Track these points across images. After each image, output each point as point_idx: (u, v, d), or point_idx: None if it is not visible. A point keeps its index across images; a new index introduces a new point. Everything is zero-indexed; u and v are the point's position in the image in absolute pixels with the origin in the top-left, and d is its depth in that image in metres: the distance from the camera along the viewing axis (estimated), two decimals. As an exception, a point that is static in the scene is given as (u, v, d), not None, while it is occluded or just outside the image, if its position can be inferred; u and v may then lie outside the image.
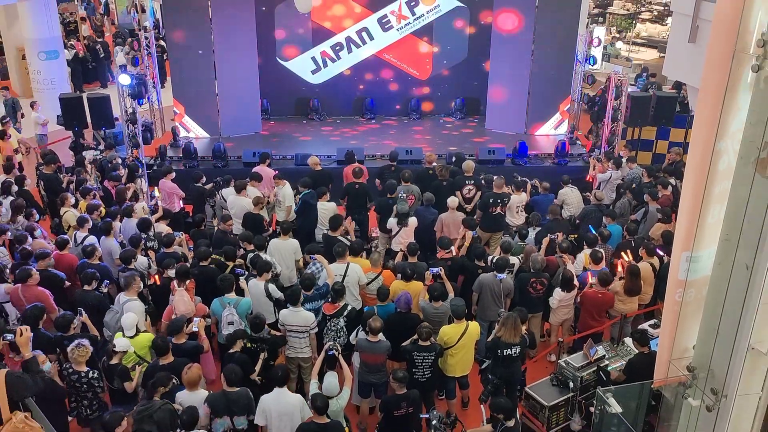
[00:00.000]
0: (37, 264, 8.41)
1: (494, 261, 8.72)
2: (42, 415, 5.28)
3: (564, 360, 7.75)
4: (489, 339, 7.70)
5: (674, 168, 12.31)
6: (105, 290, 8.34)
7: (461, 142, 15.39)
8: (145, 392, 6.61)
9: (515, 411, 6.53)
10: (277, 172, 11.49)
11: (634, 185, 11.61)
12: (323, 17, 16.45)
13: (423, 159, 12.51)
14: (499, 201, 10.59)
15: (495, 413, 6.40)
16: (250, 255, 8.91)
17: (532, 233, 10.03)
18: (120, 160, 12.40)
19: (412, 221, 10.11)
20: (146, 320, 7.71)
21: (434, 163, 11.88)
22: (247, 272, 8.44)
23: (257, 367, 7.19)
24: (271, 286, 8.19)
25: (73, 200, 10.40)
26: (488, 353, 7.67)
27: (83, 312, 7.57)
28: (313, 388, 6.75)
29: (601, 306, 8.56)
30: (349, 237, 9.73)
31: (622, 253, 9.21)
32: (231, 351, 7.13)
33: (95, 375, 6.82)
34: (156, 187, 12.14)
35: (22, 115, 16.20)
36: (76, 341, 6.79)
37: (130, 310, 7.59)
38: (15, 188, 10.88)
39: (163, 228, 9.93)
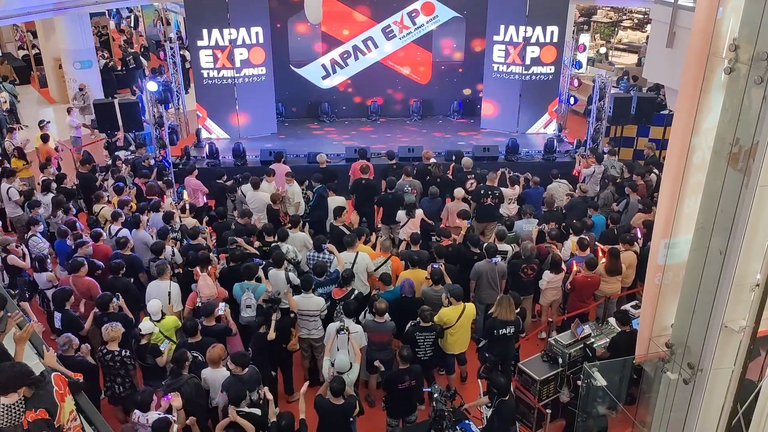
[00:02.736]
0: (78, 252, 8.49)
1: (485, 248, 8.72)
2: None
3: (553, 338, 7.74)
4: (486, 322, 7.70)
5: (652, 160, 12.34)
6: (131, 279, 8.41)
7: (459, 141, 15.34)
8: (174, 367, 6.62)
9: (510, 387, 6.53)
10: (289, 169, 11.50)
11: (617, 179, 11.60)
12: (332, 28, 16.39)
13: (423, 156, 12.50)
14: (489, 192, 10.58)
15: (493, 389, 6.41)
16: (273, 245, 8.93)
17: (526, 225, 9.95)
18: (152, 161, 12.41)
19: (419, 213, 10.14)
20: (170, 303, 7.74)
21: (432, 159, 11.90)
22: (264, 261, 8.45)
23: (271, 327, 7.23)
24: (291, 275, 8.21)
25: (107, 197, 10.43)
26: (485, 334, 7.67)
27: (120, 296, 7.63)
28: (325, 364, 6.77)
29: (589, 288, 8.55)
30: (352, 226, 9.74)
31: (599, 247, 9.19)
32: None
33: (128, 353, 6.86)
34: (182, 185, 12.15)
35: (8, 130, 15.57)
36: (109, 323, 6.85)
37: (159, 290, 7.79)
38: (54, 186, 10.92)
39: (190, 221, 9.95)
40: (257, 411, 6.01)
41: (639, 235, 9.18)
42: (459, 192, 10.47)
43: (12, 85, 19.21)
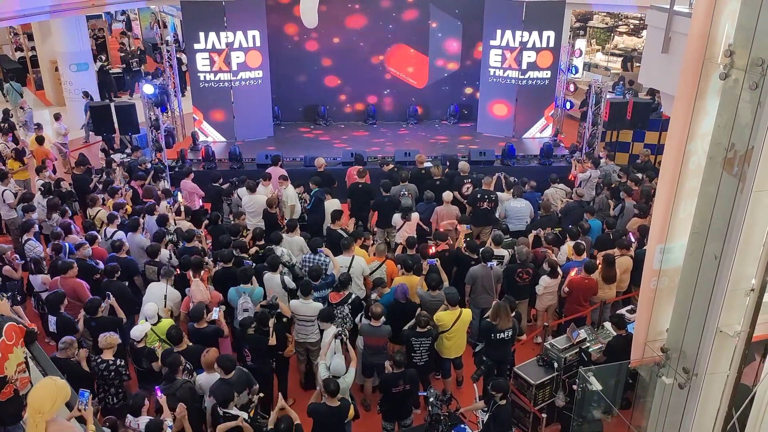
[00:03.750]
0: (77, 253, 8.47)
1: (481, 252, 8.71)
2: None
3: (549, 342, 7.74)
4: (482, 326, 7.68)
5: (644, 166, 12.36)
6: (126, 282, 8.38)
7: (458, 145, 15.35)
8: (168, 372, 6.59)
9: (509, 389, 6.53)
10: (285, 172, 11.48)
11: (613, 184, 11.64)
12: (330, 30, 16.33)
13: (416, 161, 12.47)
14: (486, 197, 10.60)
15: (495, 392, 6.39)
16: (267, 248, 8.91)
17: (515, 202, 10.23)
18: (149, 165, 12.39)
19: (415, 216, 10.14)
20: (165, 307, 7.72)
21: (425, 164, 11.92)
22: (254, 264, 8.41)
23: (271, 331, 7.18)
24: (286, 278, 8.18)
25: (101, 200, 10.40)
26: (481, 337, 7.66)
27: (110, 296, 7.59)
28: (321, 368, 6.75)
29: (587, 291, 8.53)
30: (348, 231, 9.74)
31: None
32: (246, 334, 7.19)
33: (122, 363, 6.79)
34: (178, 188, 12.12)
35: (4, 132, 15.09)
36: (107, 333, 6.77)
37: (155, 294, 7.76)
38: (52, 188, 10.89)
39: (185, 224, 9.93)
40: (244, 414, 5.99)
41: (633, 239, 9.19)
42: (448, 195, 10.47)
43: (19, 84, 19.11)
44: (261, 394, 6.58)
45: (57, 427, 4.03)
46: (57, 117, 15.38)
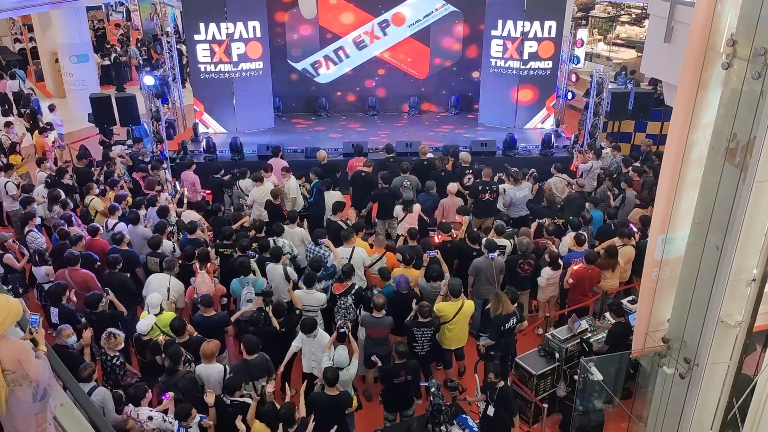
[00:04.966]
0: (74, 247, 8.45)
1: (484, 243, 8.71)
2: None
3: (550, 333, 7.76)
4: (492, 322, 7.64)
5: (646, 157, 12.35)
6: (128, 274, 8.39)
7: (457, 136, 15.33)
8: (171, 364, 6.62)
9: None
10: (287, 163, 11.47)
11: (615, 175, 11.60)
12: (329, 22, 16.36)
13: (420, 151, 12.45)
14: (488, 188, 10.58)
15: (494, 378, 6.40)
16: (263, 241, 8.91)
17: (518, 192, 10.31)
18: (147, 158, 12.35)
19: (416, 207, 10.12)
20: (168, 299, 7.73)
21: (428, 155, 11.89)
22: (257, 255, 8.44)
23: (269, 315, 7.26)
24: (289, 269, 8.19)
25: (98, 190, 10.40)
26: (492, 333, 7.57)
27: (110, 291, 7.62)
28: (325, 360, 6.78)
29: (591, 280, 8.52)
30: (349, 222, 9.74)
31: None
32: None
33: (118, 362, 6.79)
34: (178, 181, 12.11)
35: (5, 124, 14.93)
36: (108, 331, 6.74)
37: (159, 284, 7.78)
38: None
39: (192, 216, 9.91)
40: (250, 401, 6.03)
41: (635, 229, 9.19)
42: (453, 187, 10.44)
43: (22, 71, 19.10)
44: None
45: (8, 343, 4.04)
46: (51, 108, 15.33)
